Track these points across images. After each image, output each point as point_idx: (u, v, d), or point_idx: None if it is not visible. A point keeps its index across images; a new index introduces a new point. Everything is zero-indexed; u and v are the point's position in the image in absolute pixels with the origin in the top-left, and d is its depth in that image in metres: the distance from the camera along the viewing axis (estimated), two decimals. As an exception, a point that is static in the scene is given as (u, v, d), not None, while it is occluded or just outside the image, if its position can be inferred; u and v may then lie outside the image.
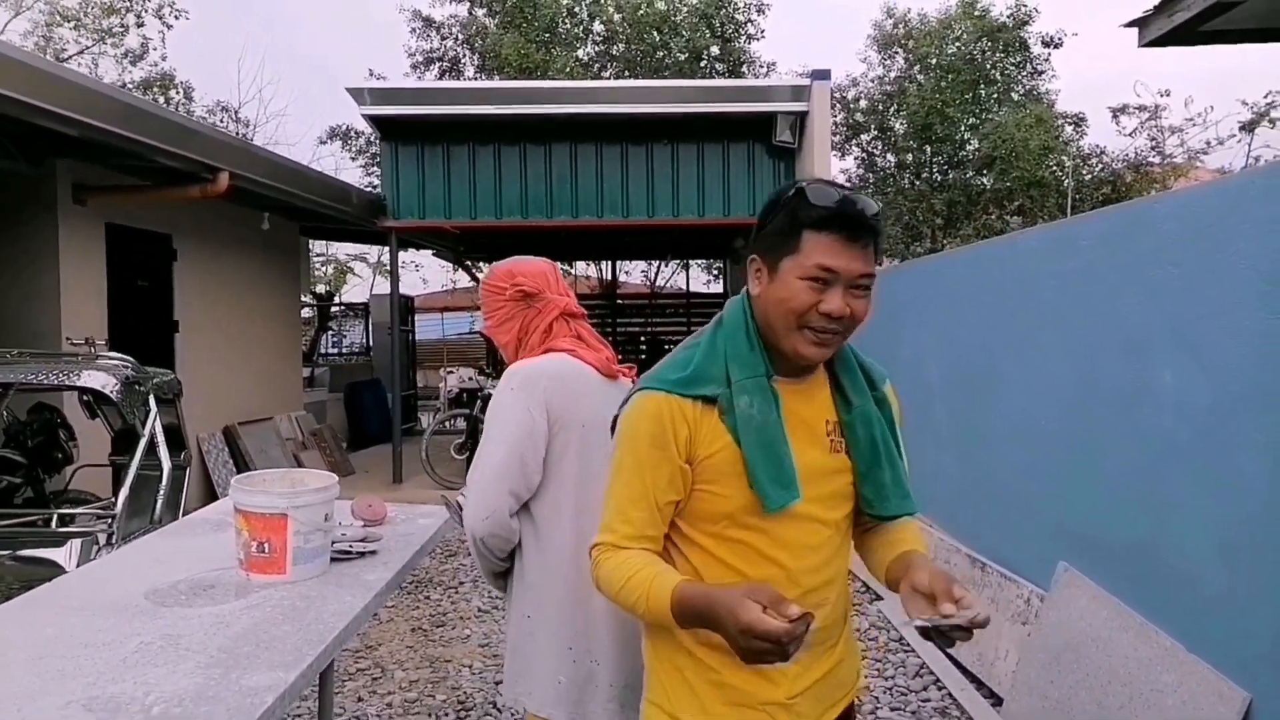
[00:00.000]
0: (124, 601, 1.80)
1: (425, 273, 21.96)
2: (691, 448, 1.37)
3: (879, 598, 4.94)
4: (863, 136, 17.73)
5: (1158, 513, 2.86)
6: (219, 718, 1.33)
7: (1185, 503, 2.72)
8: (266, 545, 1.90)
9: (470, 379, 11.86)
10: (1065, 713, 3.07)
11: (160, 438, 4.05)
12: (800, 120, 8.28)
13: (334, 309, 15.87)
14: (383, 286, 18.81)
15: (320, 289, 17.35)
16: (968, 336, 4.56)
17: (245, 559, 1.93)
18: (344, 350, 15.93)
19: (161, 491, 4.03)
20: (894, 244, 16.69)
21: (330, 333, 15.57)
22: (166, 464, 4.04)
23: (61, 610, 1.77)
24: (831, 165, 9.22)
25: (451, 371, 13.17)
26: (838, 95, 17.07)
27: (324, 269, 20.78)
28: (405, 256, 16.18)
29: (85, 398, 4.45)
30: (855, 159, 18.07)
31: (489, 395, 8.73)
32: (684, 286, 17.40)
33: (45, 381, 3.83)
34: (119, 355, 4.08)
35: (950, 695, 3.70)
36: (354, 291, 21.73)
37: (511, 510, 1.84)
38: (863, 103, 17.48)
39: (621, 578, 1.36)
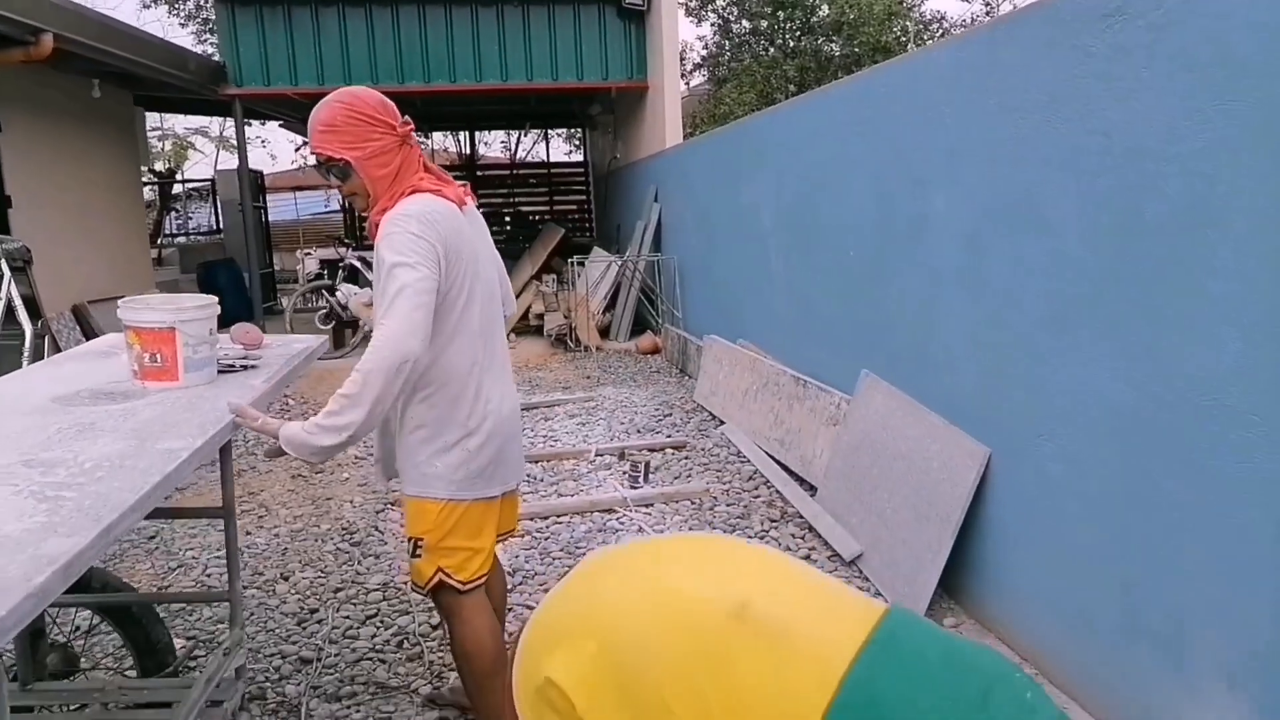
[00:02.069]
0: (33, 405, 2.04)
1: (274, 148, 20.92)
2: None
3: (722, 423, 5.53)
4: (717, 2, 17.76)
5: (930, 318, 3.44)
6: (144, 467, 1.64)
7: (949, 308, 3.29)
8: (158, 356, 2.16)
9: (331, 258, 11.73)
10: (861, 489, 3.71)
11: (19, 303, 4.10)
12: (648, -18, 8.40)
13: (176, 187, 15.09)
14: (227, 162, 17.91)
15: (160, 166, 16.38)
16: (794, 184, 5.03)
17: (140, 370, 2.18)
18: (190, 231, 15.30)
19: (26, 355, 4.11)
20: (748, 111, 17.07)
21: (174, 213, 14.89)
22: (28, 328, 4.11)
23: (-25, 415, 2.00)
24: (681, 30, 9.41)
25: (309, 253, 12.91)
26: (693, -42, 16.98)
27: (161, 145, 19.51)
28: (251, 131, 15.43)
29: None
30: (711, 25, 18.14)
31: (351, 265, 8.79)
32: (545, 157, 17.37)
33: (-111, 246, 3.79)
34: (-36, 219, 4.04)
35: (776, 490, 4.33)
36: (195, 169, 20.57)
37: (427, 337, 1.99)
38: (717, -34, 17.42)
39: None
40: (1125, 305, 2.35)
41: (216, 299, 2.32)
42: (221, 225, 13.76)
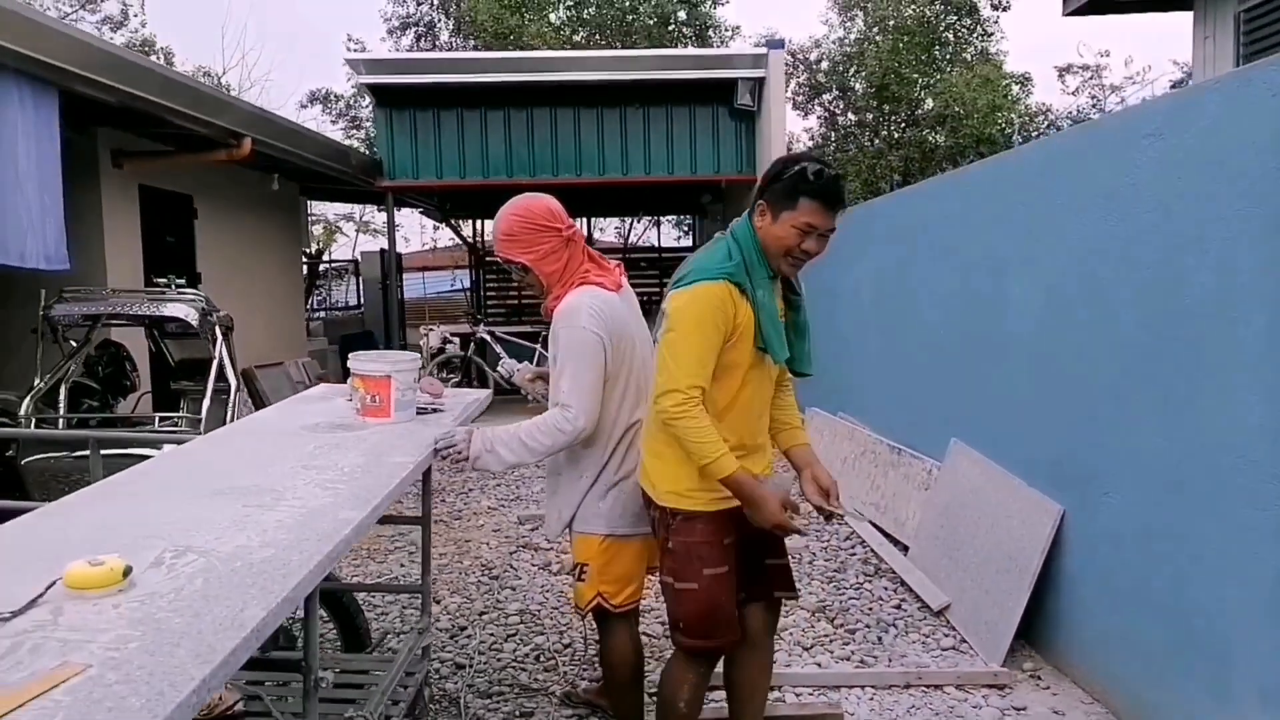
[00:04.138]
0: (291, 431, 2.69)
1: (404, 232, 22.54)
2: (735, 319, 2.23)
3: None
4: (824, 96, 18.54)
5: (1008, 389, 3.84)
6: (381, 473, 2.23)
7: (1023, 380, 3.70)
8: (377, 398, 2.80)
9: (450, 336, 12.73)
10: (949, 546, 4.07)
11: (228, 361, 4.91)
12: (759, 85, 9.14)
13: (325, 266, 16.54)
14: (366, 245, 19.51)
15: (309, 249, 18.00)
16: (890, 268, 5.51)
17: (362, 409, 2.82)
18: (329, 306, 16.68)
19: (231, 405, 4.90)
20: (855, 199, 17.62)
21: (318, 291, 16.31)
22: (234, 383, 4.91)
23: (245, 435, 2.66)
24: (788, 125, 10.11)
25: (432, 329, 13.98)
26: (801, 56, 17.89)
27: (312, 229, 21.40)
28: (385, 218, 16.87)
29: (155, 330, 5.28)
30: (818, 118, 18.92)
31: (482, 338, 9.64)
32: (655, 241, 18.24)
33: (137, 311, 4.65)
34: (194, 290, 4.91)
35: (871, 549, 4.71)
36: (338, 252, 22.38)
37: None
38: (824, 64, 18.27)
39: (705, 437, 2.16)
40: (1171, 375, 2.74)
41: (418, 356, 2.96)
42: (362, 301, 15.04)
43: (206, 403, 4.60)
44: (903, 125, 18.04)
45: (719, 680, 2.62)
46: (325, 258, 18.05)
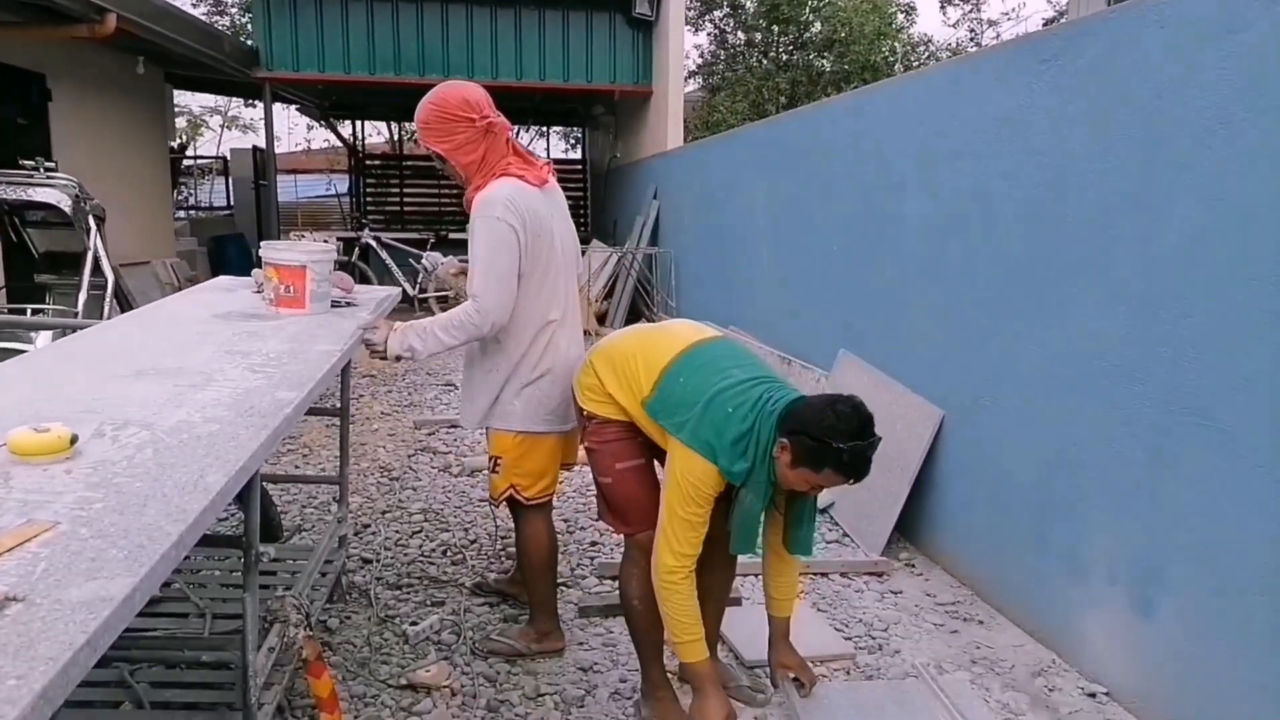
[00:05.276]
0: (203, 319, 2.61)
1: (276, 130, 21.28)
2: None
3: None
4: (715, 13, 18.41)
5: (899, 301, 4.07)
6: (308, 359, 2.22)
7: (914, 291, 3.93)
8: (291, 288, 2.74)
9: (331, 242, 12.28)
10: (835, 448, 4.32)
11: (103, 254, 4.63)
12: (658, -5, 9.02)
13: (190, 162, 15.52)
14: (234, 141, 18.36)
15: (173, 143, 16.80)
16: (787, 187, 5.66)
17: (275, 299, 2.75)
18: (196, 206, 15.72)
19: (108, 301, 4.64)
20: (741, 120, 17.75)
21: (182, 189, 15.31)
22: (111, 277, 4.64)
23: (154, 323, 2.57)
24: (685, 39, 10.03)
25: (303, 236, 13.42)
26: (693, -29, 17.64)
27: (176, 121, 19.89)
28: (256, 113, 15.88)
29: (16, 218, 4.90)
30: (708, 34, 18.81)
31: (367, 244, 9.36)
32: (545, 153, 17.93)
33: (4, 196, 4.30)
34: (65, 175, 4.57)
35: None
36: (202, 148, 20.97)
37: (512, 303, 2.58)
38: (717, -20, 18.08)
39: (687, 616, 2.20)
40: (1048, 289, 2.98)
41: (333, 246, 2.90)
42: (232, 201, 14.23)
43: (83, 297, 4.34)
44: (791, 48, 18.15)
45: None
46: (190, 153, 16.89)
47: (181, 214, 15.01)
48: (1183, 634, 2.42)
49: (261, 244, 2.79)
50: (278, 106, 12.06)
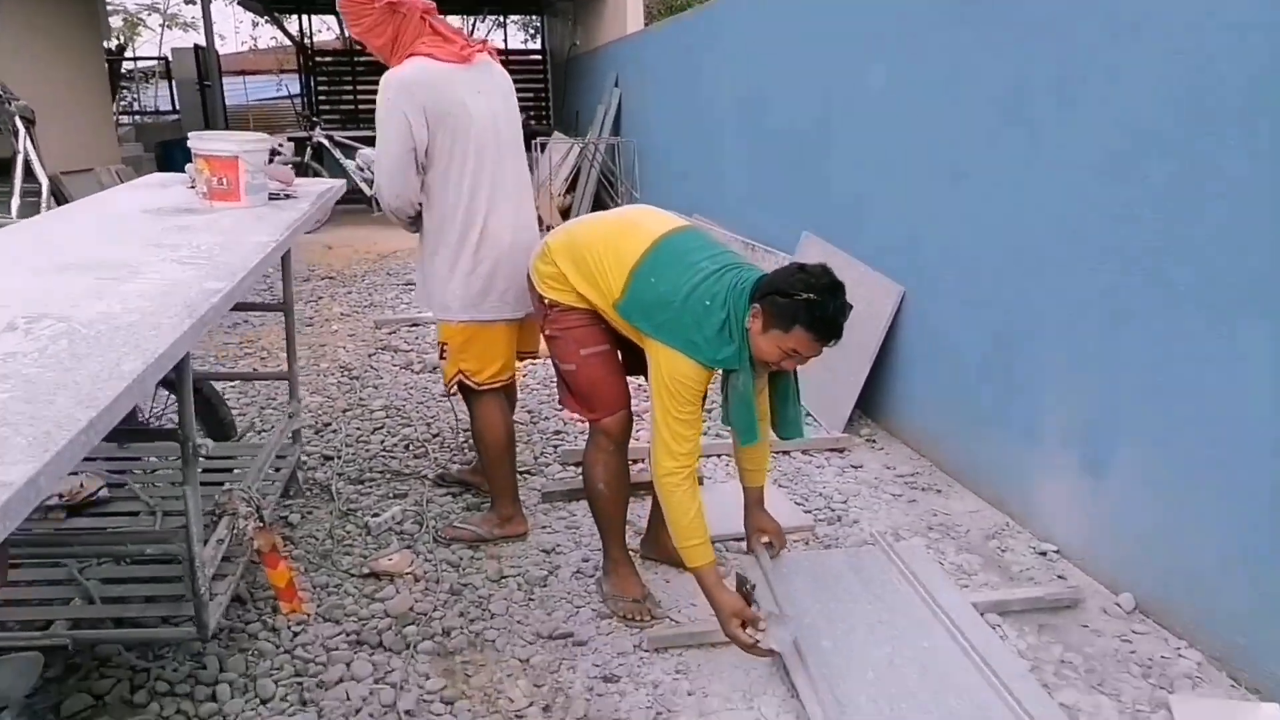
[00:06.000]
0: (131, 214, 2.51)
1: (219, 29, 20.35)
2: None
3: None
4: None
5: (861, 184, 4.00)
6: (242, 251, 2.14)
7: (871, 172, 3.86)
8: (225, 180, 2.63)
9: (282, 143, 11.89)
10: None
11: (35, 157, 4.44)
12: None
13: (130, 65, 14.83)
14: (175, 41, 17.51)
15: (109, 44, 16.02)
16: (750, 68, 5.49)
17: (209, 191, 2.64)
18: (141, 110, 15.11)
19: (44, 207, 4.47)
20: None
21: (124, 93, 14.68)
22: (45, 181, 4.46)
23: (78, 219, 2.46)
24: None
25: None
26: None
27: (110, 20, 18.91)
28: (196, 10, 15.09)
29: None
30: (669, -88, 17.96)
31: (319, 143, 9.06)
32: (502, 45, 17.29)
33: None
34: (-16, 74, 4.33)
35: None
36: (141, 49, 20.02)
37: (414, 188, 2.60)
38: None
39: (686, 518, 2.14)
40: (1009, 161, 2.93)
41: (269, 136, 2.77)
42: (178, 105, 13.66)
43: (16, 203, 4.17)
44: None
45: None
46: (129, 55, 16.13)
47: (126, 119, 14.43)
48: (1130, 489, 2.48)
49: (190, 135, 2.67)
50: (220, 2, 11.51)
